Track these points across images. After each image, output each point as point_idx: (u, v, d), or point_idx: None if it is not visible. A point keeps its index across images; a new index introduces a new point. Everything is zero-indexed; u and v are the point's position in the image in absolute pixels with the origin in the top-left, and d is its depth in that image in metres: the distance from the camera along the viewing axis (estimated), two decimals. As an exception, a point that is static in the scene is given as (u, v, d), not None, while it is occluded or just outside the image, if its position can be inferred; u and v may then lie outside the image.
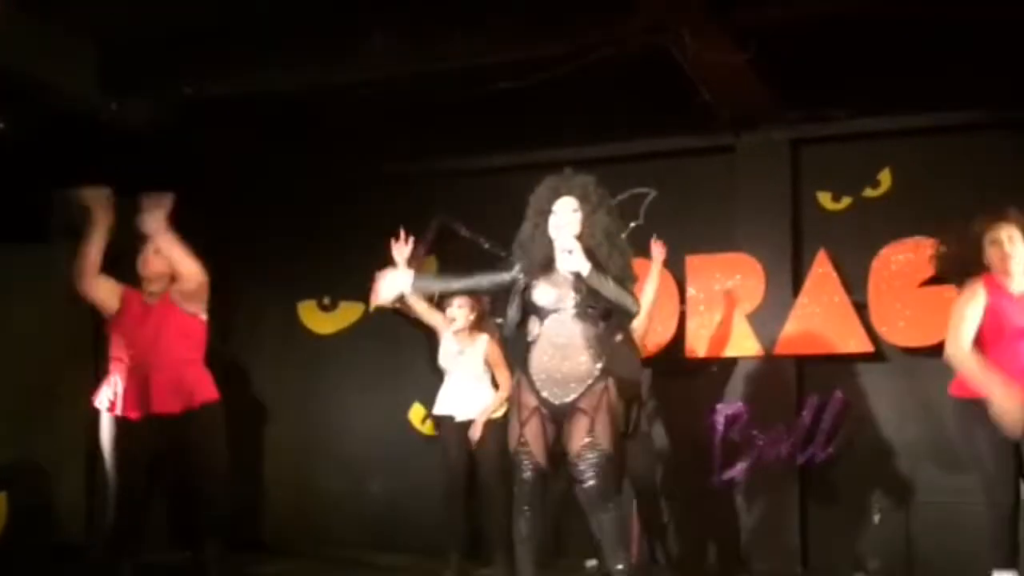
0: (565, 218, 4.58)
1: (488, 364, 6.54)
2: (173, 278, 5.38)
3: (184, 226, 7.59)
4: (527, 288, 4.64)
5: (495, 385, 6.53)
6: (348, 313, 8.14)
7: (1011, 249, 4.78)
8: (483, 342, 6.53)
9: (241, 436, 7.42)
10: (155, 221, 5.30)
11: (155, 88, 6.56)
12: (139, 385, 5.19)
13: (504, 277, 4.74)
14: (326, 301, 8.20)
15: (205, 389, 5.35)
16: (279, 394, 8.12)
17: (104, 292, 5.33)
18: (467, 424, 6.46)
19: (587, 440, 4.49)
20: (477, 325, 6.59)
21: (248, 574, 5.98)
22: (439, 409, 6.66)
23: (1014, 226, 4.81)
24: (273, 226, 8.21)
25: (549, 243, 4.61)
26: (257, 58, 6.38)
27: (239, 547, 6.68)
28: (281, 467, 7.96)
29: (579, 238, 4.54)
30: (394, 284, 4.83)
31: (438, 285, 5.26)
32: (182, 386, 5.24)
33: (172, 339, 5.28)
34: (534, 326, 4.64)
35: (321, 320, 8.20)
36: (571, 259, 4.49)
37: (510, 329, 4.72)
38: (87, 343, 7.09)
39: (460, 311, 6.52)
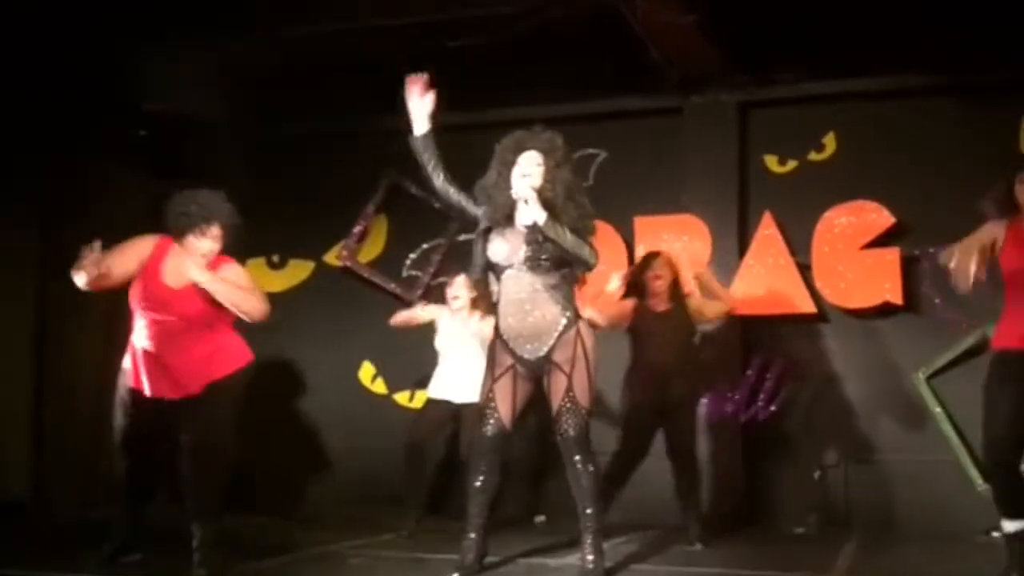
0: (527, 170, 4.62)
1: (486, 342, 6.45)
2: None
3: (129, 185, 7.67)
4: (486, 236, 4.69)
5: None
6: (297, 271, 8.12)
7: None
8: (481, 320, 6.42)
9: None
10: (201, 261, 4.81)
11: (105, 43, 6.46)
12: (154, 365, 4.80)
13: (474, 209, 4.77)
14: (275, 259, 8.17)
15: (219, 367, 4.88)
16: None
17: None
18: (454, 405, 6.40)
19: (567, 397, 4.59)
20: (477, 304, 6.54)
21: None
22: (435, 392, 6.56)
23: None
24: (221, 182, 8.11)
25: (510, 193, 4.65)
26: (209, 13, 6.30)
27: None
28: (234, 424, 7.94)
29: (539, 191, 4.59)
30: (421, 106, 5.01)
31: (438, 168, 4.89)
32: (194, 373, 4.81)
33: (201, 324, 4.86)
34: (493, 284, 4.70)
35: (270, 278, 8.15)
36: (527, 209, 4.53)
37: (477, 272, 4.79)
38: (31, 299, 7.02)
39: (462, 290, 6.47)
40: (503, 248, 4.65)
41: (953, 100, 6.66)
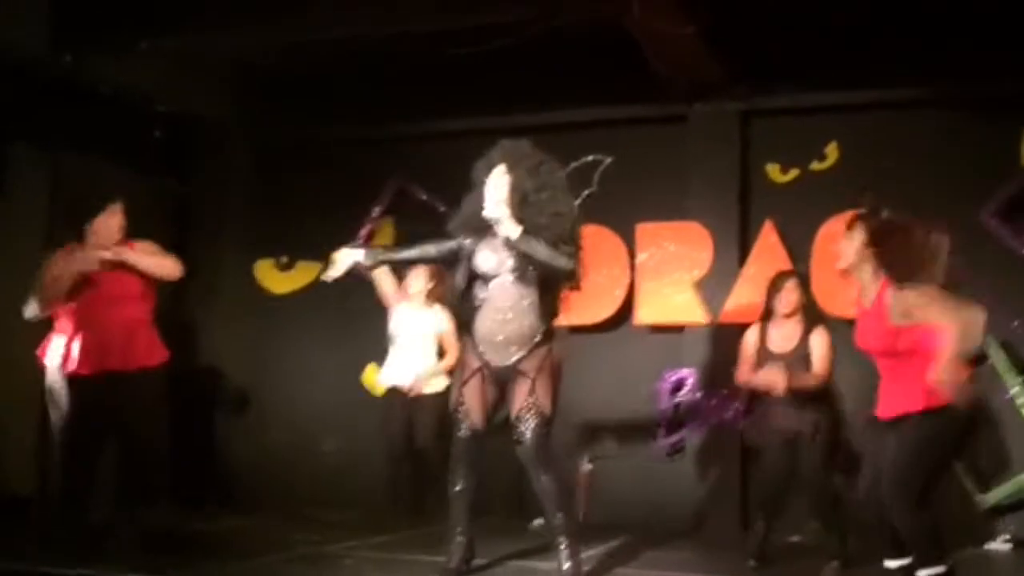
0: (494, 183, 4.68)
1: (440, 336, 6.66)
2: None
3: (140, 185, 7.76)
4: (472, 254, 4.75)
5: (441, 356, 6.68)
6: (305, 273, 8.19)
7: None
8: (438, 311, 6.65)
9: (196, 393, 7.54)
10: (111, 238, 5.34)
11: (108, 42, 6.56)
12: (91, 343, 5.24)
13: (451, 244, 4.85)
14: (283, 260, 8.25)
15: (153, 352, 5.39)
16: (234, 352, 8.17)
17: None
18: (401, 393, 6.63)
19: (527, 402, 4.62)
20: (434, 295, 6.68)
21: (202, 530, 6.07)
22: (387, 381, 6.75)
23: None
24: (231, 185, 8.25)
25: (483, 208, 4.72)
26: (213, 15, 6.40)
27: (191, 503, 6.82)
28: (235, 424, 8.03)
29: (508, 201, 4.63)
30: (346, 258, 4.95)
31: (387, 256, 5.30)
32: (132, 346, 5.29)
33: (124, 301, 5.31)
34: (480, 291, 4.75)
35: (278, 279, 8.26)
36: (502, 226, 4.59)
37: (455, 294, 4.85)
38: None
39: (417, 280, 6.63)
40: (491, 259, 4.70)
41: (955, 112, 6.67)
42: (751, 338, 5.78)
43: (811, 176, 7.05)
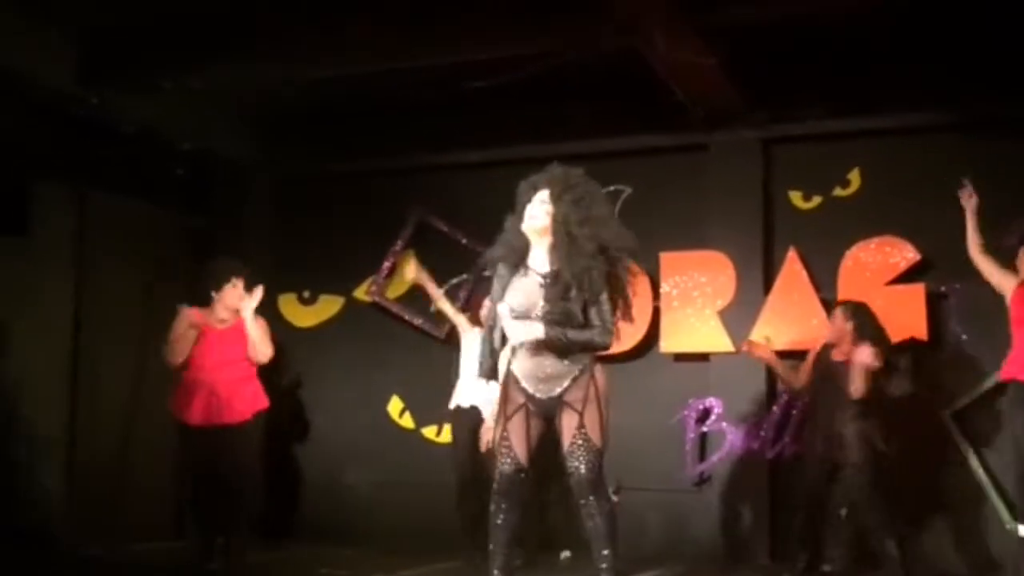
0: (534, 210, 4.57)
1: None
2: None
3: (163, 221, 7.83)
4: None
5: None
6: (328, 307, 8.21)
7: None
8: None
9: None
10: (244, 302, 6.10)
11: (133, 81, 6.61)
12: (203, 397, 5.94)
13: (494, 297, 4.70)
14: (306, 294, 8.27)
15: (250, 406, 6.06)
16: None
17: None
18: (475, 415, 6.47)
19: (579, 433, 4.53)
20: None
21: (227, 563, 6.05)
22: (453, 402, 6.65)
23: None
24: (254, 220, 8.28)
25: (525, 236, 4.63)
26: (235, 52, 6.45)
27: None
28: (259, 458, 8.00)
29: (544, 229, 4.54)
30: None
31: (493, 355, 4.76)
32: (233, 403, 5.96)
33: (233, 361, 6.02)
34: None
35: (301, 313, 8.27)
36: (524, 328, 4.50)
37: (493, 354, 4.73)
38: (66, 334, 7.15)
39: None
40: (521, 300, 4.61)
41: (978, 135, 6.63)
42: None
43: (834, 203, 7.02)
